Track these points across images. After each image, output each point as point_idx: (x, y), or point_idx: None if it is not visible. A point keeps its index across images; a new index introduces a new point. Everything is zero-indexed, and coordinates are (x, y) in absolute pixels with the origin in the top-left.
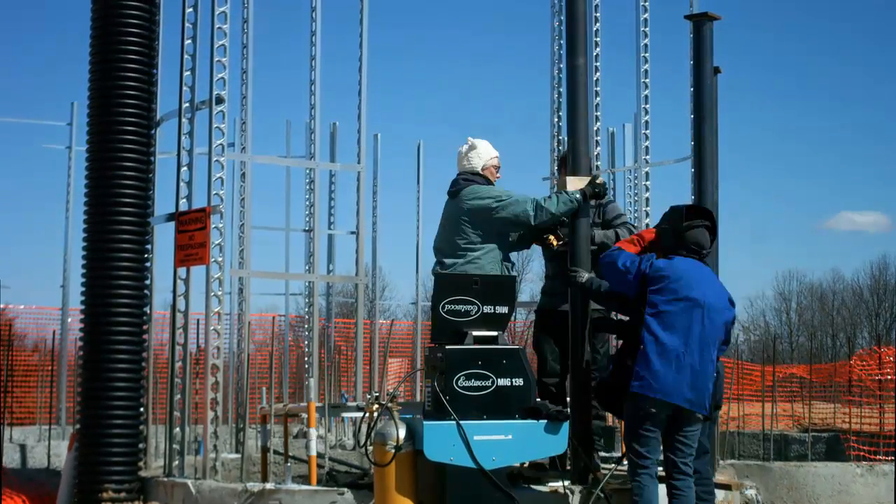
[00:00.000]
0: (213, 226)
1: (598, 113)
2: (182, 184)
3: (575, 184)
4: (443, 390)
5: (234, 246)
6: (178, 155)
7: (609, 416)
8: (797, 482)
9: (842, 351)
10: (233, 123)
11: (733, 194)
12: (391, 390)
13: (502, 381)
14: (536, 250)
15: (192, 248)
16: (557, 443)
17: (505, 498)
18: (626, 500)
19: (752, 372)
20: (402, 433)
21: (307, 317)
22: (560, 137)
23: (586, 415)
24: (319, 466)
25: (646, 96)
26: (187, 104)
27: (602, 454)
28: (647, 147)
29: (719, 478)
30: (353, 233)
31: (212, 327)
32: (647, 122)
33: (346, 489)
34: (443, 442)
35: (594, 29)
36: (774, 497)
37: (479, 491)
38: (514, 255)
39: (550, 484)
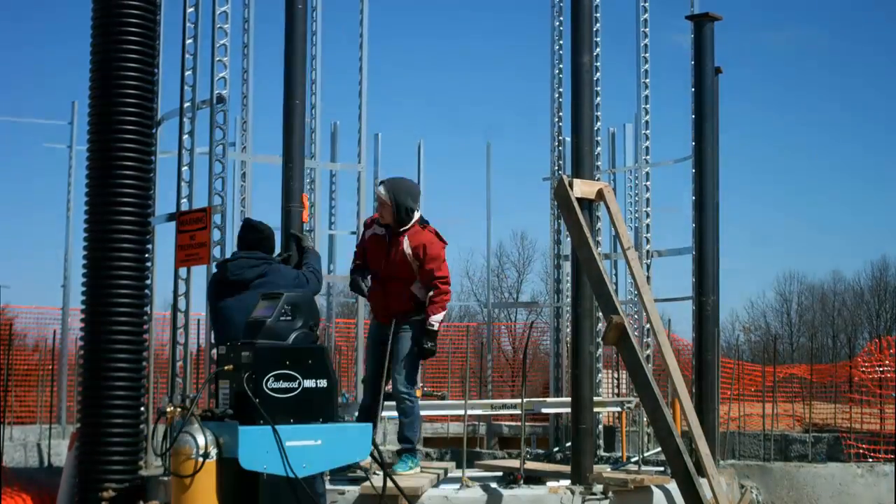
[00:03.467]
0: (214, 225)
1: (599, 113)
2: (183, 183)
3: (582, 187)
4: (254, 393)
5: (234, 246)
6: (179, 154)
7: (608, 416)
8: (798, 482)
9: (842, 351)
10: (234, 123)
11: (734, 195)
12: (194, 394)
13: (308, 383)
14: (539, 249)
15: (192, 248)
16: (362, 448)
17: None
18: (627, 500)
19: (753, 372)
20: (208, 440)
21: None
22: (561, 137)
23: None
24: None
25: (646, 96)
26: (188, 103)
27: (602, 454)
28: (647, 147)
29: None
30: (353, 233)
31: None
32: (647, 122)
33: (346, 489)
34: (258, 449)
35: (594, 29)
36: (775, 497)
37: (294, 501)
38: (515, 253)
39: (550, 484)
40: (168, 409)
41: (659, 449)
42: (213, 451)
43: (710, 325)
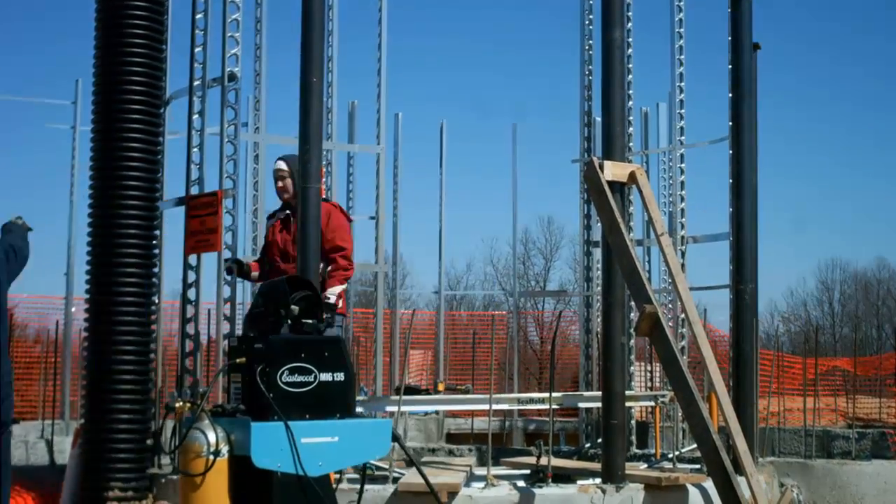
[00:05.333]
0: (226, 210)
1: (631, 91)
2: (192, 166)
3: (613, 170)
4: (267, 387)
5: (246, 232)
6: (189, 135)
7: (641, 411)
8: (841, 481)
9: (888, 343)
10: (246, 102)
11: (774, 177)
12: (204, 388)
13: (324, 376)
14: (567, 235)
15: (202, 234)
16: (382, 444)
17: None
18: (661, 499)
19: (794, 365)
20: (218, 437)
21: None
22: (591, 118)
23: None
24: None
25: (680, 74)
26: (198, 82)
27: (635, 450)
28: (682, 128)
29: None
30: (372, 218)
31: (223, 317)
32: (682, 101)
33: (366, 487)
34: (272, 446)
35: (626, 2)
36: (817, 496)
37: (306, 501)
38: (542, 239)
39: (580, 482)
40: (177, 405)
41: (694, 445)
42: (224, 449)
43: (748, 315)
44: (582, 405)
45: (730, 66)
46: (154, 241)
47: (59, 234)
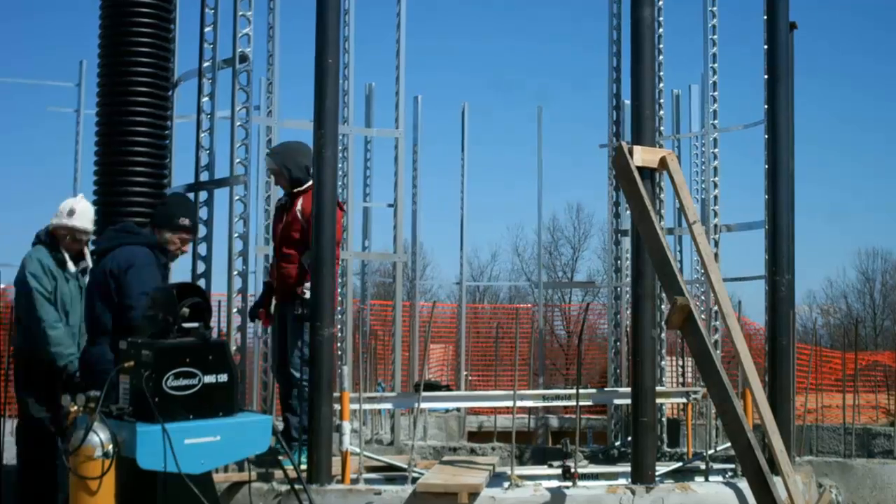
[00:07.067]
0: (237, 197)
1: (662, 73)
2: (202, 151)
3: (643, 155)
4: (152, 392)
5: (259, 220)
6: (198, 119)
7: (672, 408)
8: (882, 481)
9: None
10: (258, 84)
11: (811, 163)
12: (93, 393)
13: (208, 378)
14: (597, 224)
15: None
16: (262, 441)
17: None
18: (692, 499)
19: (832, 359)
20: (107, 439)
21: (340, 298)
22: (620, 101)
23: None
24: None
25: (713, 55)
26: (208, 63)
27: (666, 449)
28: (715, 111)
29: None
30: (390, 205)
31: (234, 309)
32: (715, 83)
33: (383, 488)
34: (156, 448)
35: None
36: (856, 497)
37: (192, 499)
38: (569, 228)
39: (609, 482)
40: (72, 409)
41: (728, 444)
42: (111, 450)
43: (784, 307)
44: (617, 401)
45: (765, 47)
46: None
47: None
